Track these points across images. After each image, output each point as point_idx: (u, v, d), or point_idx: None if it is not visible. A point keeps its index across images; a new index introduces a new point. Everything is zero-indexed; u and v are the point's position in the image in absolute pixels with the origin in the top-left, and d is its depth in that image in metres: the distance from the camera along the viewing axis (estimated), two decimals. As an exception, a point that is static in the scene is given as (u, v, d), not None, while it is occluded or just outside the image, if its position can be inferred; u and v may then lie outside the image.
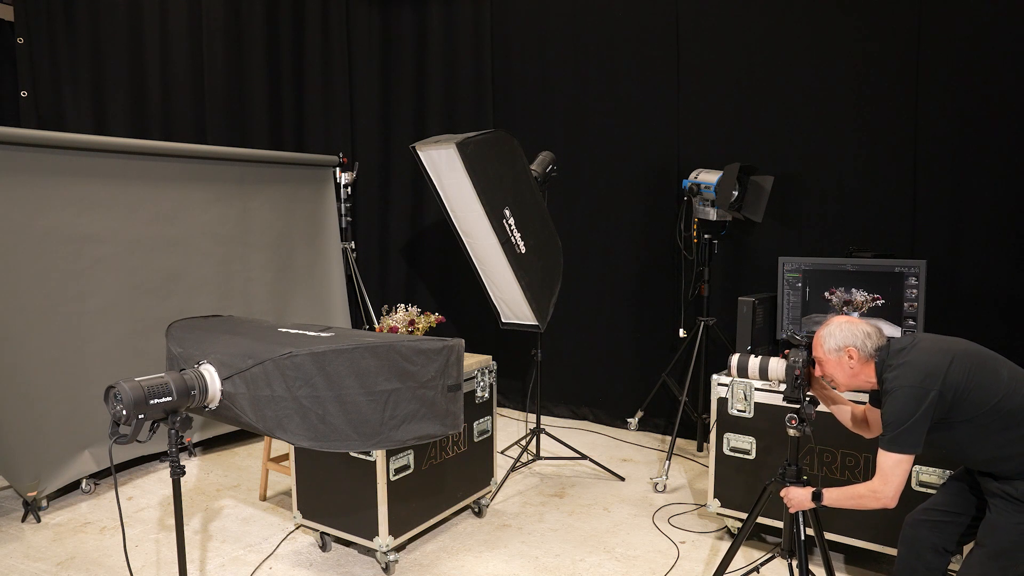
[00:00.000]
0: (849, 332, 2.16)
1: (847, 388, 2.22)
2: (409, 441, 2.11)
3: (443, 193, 3.75)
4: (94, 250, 3.78)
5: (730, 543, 3.15)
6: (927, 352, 2.06)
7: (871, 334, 2.14)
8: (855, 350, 2.14)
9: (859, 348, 2.13)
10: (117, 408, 1.86)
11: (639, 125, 4.65)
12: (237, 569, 2.96)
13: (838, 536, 2.84)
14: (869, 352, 2.13)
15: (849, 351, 2.14)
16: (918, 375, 2.00)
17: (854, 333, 2.15)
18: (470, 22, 5.23)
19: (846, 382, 2.19)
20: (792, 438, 2.33)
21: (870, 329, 2.16)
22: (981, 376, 2.00)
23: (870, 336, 2.14)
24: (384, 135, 5.70)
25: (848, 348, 2.14)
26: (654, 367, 4.62)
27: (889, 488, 2.02)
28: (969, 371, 2.00)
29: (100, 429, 3.74)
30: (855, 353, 2.14)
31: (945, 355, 2.03)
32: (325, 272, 5.23)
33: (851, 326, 2.17)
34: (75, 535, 3.27)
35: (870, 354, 2.13)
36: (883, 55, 3.81)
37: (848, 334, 2.16)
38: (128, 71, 5.66)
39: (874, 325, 2.18)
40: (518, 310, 3.93)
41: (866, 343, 2.13)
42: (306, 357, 1.94)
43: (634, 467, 4.14)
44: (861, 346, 2.13)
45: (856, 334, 2.15)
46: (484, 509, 3.48)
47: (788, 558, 2.36)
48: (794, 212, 4.13)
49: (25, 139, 3.48)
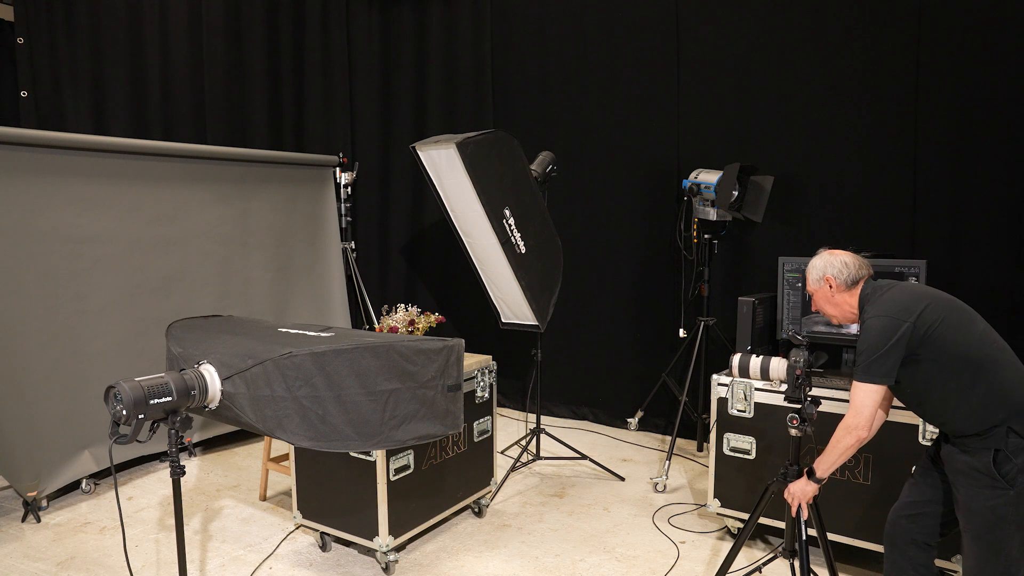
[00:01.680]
0: (827, 261, 2.25)
1: (841, 321, 2.29)
2: (409, 441, 2.11)
3: (443, 193, 3.75)
4: (94, 250, 3.78)
5: (731, 543, 3.16)
6: (906, 291, 2.14)
7: (848, 263, 2.22)
8: (832, 278, 2.23)
9: (835, 276, 2.23)
10: (117, 408, 1.86)
11: (639, 125, 4.65)
12: (237, 569, 2.96)
13: (839, 536, 2.83)
14: (846, 280, 2.21)
15: (828, 279, 2.25)
16: (894, 308, 2.07)
17: (831, 262, 2.24)
18: (470, 22, 5.23)
19: (834, 312, 2.28)
20: (794, 438, 2.33)
21: (848, 259, 2.24)
22: (955, 320, 2.05)
23: (847, 265, 2.22)
24: (384, 135, 5.70)
25: (826, 277, 2.25)
26: (654, 367, 4.62)
27: (861, 419, 2.08)
28: (944, 314, 2.05)
29: (100, 429, 3.74)
30: (833, 281, 2.23)
31: (923, 296, 2.10)
32: (325, 272, 5.23)
33: (830, 256, 2.26)
34: (75, 535, 3.27)
35: (847, 282, 2.21)
36: (883, 55, 3.81)
37: (826, 263, 2.25)
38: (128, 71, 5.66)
39: (855, 256, 2.25)
40: (518, 310, 3.93)
41: (842, 271, 2.22)
42: (306, 357, 1.94)
43: (634, 467, 4.14)
44: (837, 274, 2.22)
45: (833, 263, 2.24)
46: (484, 509, 3.48)
47: (790, 558, 2.36)
48: (794, 212, 4.13)
49: (25, 139, 3.48)
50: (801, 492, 2.24)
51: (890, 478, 2.75)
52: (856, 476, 2.82)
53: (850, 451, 2.13)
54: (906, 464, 2.71)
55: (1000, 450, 1.96)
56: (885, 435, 2.75)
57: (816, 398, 2.31)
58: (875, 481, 2.78)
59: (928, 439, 2.68)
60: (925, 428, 2.68)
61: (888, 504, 2.72)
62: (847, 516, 2.81)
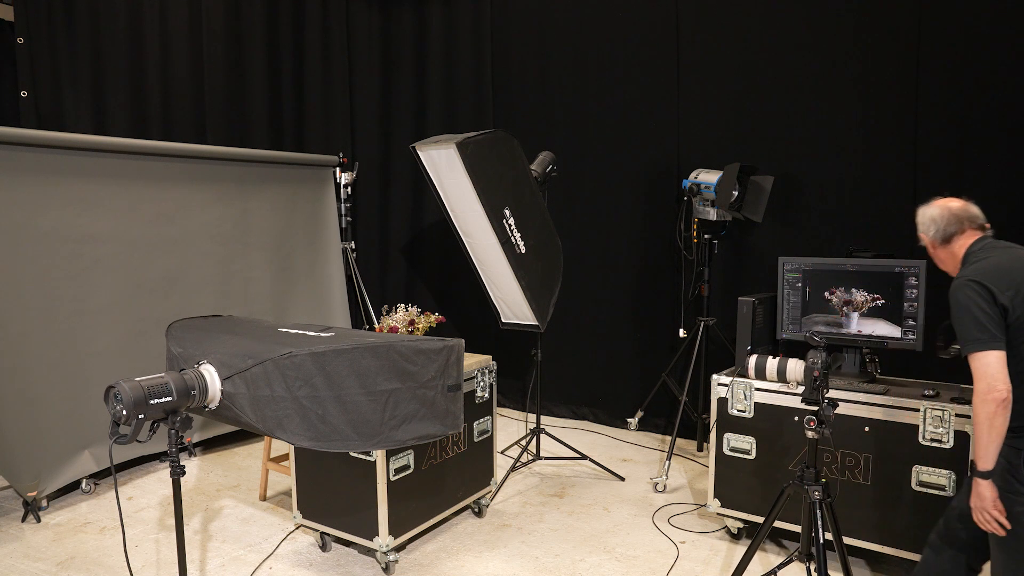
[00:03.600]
0: (922, 216, 2.13)
1: (951, 271, 2.13)
2: (409, 441, 2.11)
3: (443, 193, 3.75)
4: (94, 250, 3.78)
5: (730, 543, 3.16)
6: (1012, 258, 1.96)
7: (936, 217, 2.08)
8: (925, 236, 2.12)
9: (926, 232, 2.11)
10: (117, 408, 1.86)
11: (639, 125, 4.65)
12: (237, 569, 2.96)
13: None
14: (936, 236, 2.09)
15: (922, 237, 2.13)
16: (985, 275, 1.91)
17: (923, 218, 2.12)
18: (470, 22, 5.23)
19: (941, 266, 2.15)
20: (811, 440, 2.31)
21: (937, 211, 2.09)
22: None
23: (935, 220, 2.09)
24: (384, 135, 5.70)
25: (921, 235, 2.14)
26: (654, 367, 4.62)
27: (983, 383, 1.84)
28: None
29: (100, 429, 3.74)
30: (925, 239, 2.13)
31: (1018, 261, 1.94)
32: (325, 272, 5.23)
33: (927, 209, 2.13)
34: (75, 535, 3.27)
35: (939, 238, 2.09)
36: (883, 55, 3.81)
37: (921, 218, 2.13)
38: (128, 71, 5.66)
39: (950, 207, 2.08)
40: (518, 310, 3.93)
41: (930, 227, 2.10)
42: (306, 357, 1.94)
43: (634, 467, 4.14)
44: (926, 230, 2.11)
45: (924, 219, 2.11)
46: (484, 509, 3.48)
47: (806, 562, 2.34)
48: (794, 212, 4.13)
49: (25, 139, 3.48)
50: (982, 500, 1.92)
51: (890, 478, 2.75)
52: (856, 476, 2.82)
53: (995, 419, 1.84)
54: (906, 464, 2.72)
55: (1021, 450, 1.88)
56: (885, 435, 2.76)
57: (833, 400, 2.28)
58: (875, 481, 2.78)
59: (929, 439, 2.67)
60: (925, 428, 2.68)
61: (888, 504, 2.74)
62: (847, 516, 2.81)
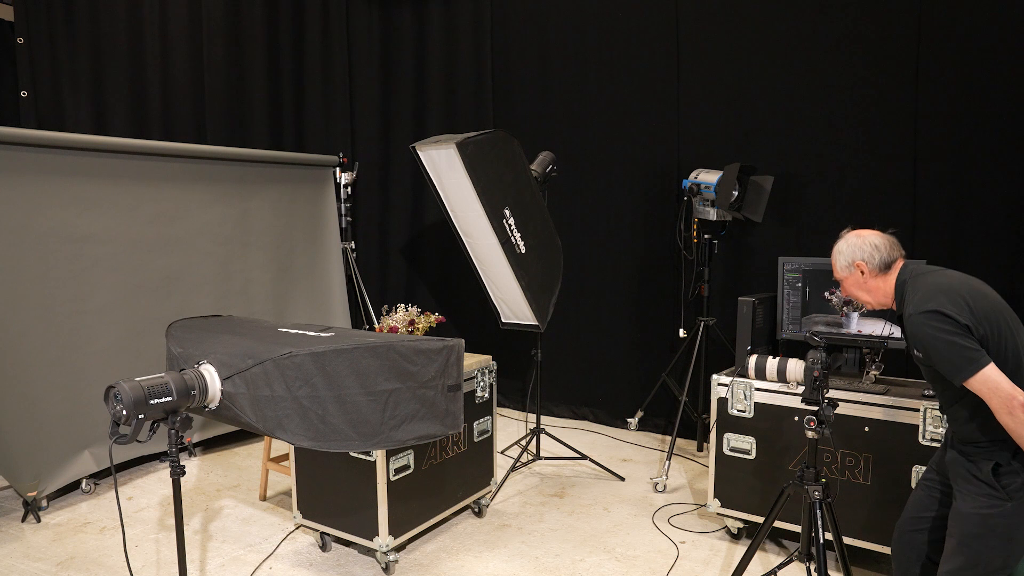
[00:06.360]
0: (855, 245, 2.11)
1: (873, 305, 2.15)
2: (409, 441, 2.11)
3: (443, 193, 3.75)
4: (94, 250, 3.77)
5: (730, 543, 3.16)
6: (951, 280, 1.98)
7: (879, 245, 2.08)
8: (863, 263, 2.10)
9: (867, 261, 2.09)
10: (117, 408, 1.86)
11: (639, 125, 4.64)
12: (237, 569, 2.96)
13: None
14: (878, 264, 2.08)
15: (858, 265, 2.11)
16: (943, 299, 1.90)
17: (860, 246, 2.10)
18: (470, 22, 5.23)
19: (867, 299, 2.14)
20: (811, 440, 2.30)
21: (878, 240, 2.09)
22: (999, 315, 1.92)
23: (878, 248, 2.08)
24: (384, 135, 5.70)
25: (857, 262, 2.11)
26: (654, 367, 4.62)
27: (1003, 393, 1.81)
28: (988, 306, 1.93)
29: (100, 429, 3.74)
30: (864, 267, 2.10)
31: (970, 290, 1.96)
32: (325, 272, 5.23)
33: (858, 239, 2.12)
34: (75, 535, 3.27)
35: (880, 266, 2.08)
36: (883, 55, 3.81)
37: (854, 247, 2.12)
38: (128, 71, 5.67)
39: (884, 235, 2.11)
40: (518, 310, 3.93)
41: (874, 255, 2.08)
42: (306, 357, 1.94)
43: (634, 467, 4.14)
44: (868, 258, 2.08)
45: (862, 247, 2.10)
46: (484, 509, 3.48)
47: (806, 562, 2.34)
48: (794, 212, 4.13)
49: (25, 139, 3.48)
50: None
51: (890, 478, 2.75)
52: (856, 476, 2.82)
53: None
54: (906, 464, 2.72)
55: (1001, 464, 1.89)
56: (885, 435, 2.76)
57: (833, 400, 2.28)
58: (875, 481, 2.78)
59: (929, 439, 2.67)
60: (925, 428, 2.68)
61: (888, 504, 2.74)
62: (847, 516, 2.81)
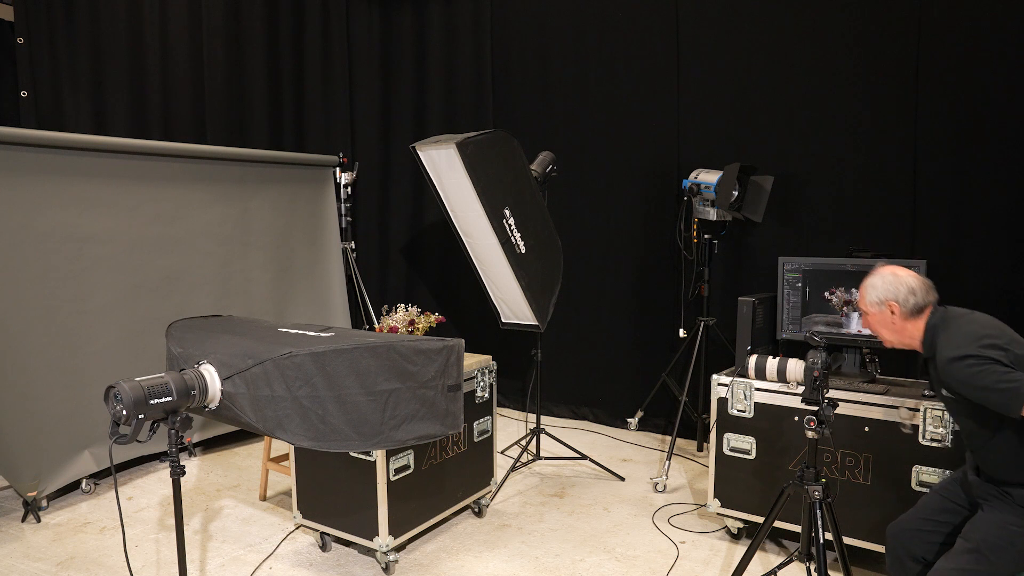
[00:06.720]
0: (891, 285, 2.08)
1: (894, 344, 2.14)
2: (409, 441, 2.11)
3: (443, 193, 3.75)
4: (94, 250, 3.78)
5: (730, 543, 3.16)
6: (985, 322, 1.98)
7: (916, 290, 2.05)
8: (896, 305, 2.07)
9: (901, 304, 2.06)
10: (117, 408, 1.86)
11: (639, 125, 4.64)
12: (237, 569, 2.96)
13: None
14: (912, 308, 2.05)
15: (891, 305, 2.07)
16: (978, 342, 1.91)
17: (896, 288, 2.07)
18: (470, 22, 5.23)
19: (891, 338, 2.13)
20: (810, 440, 2.30)
21: (915, 284, 2.07)
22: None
23: (914, 292, 2.05)
24: (384, 135, 5.70)
25: (889, 302, 2.08)
26: (654, 367, 4.61)
27: None
28: (1014, 337, 1.92)
29: (100, 429, 3.74)
30: (896, 308, 2.07)
31: (994, 324, 1.97)
32: (325, 272, 5.23)
33: (895, 279, 2.09)
34: (75, 535, 3.27)
35: (913, 310, 2.06)
36: (883, 55, 3.81)
37: (889, 287, 2.08)
38: (128, 71, 5.67)
39: (922, 279, 2.09)
40: (518, 310, 3.93)
41: (908, 299, 2.05)
42: (306, 357, 1.94)
43: (634, 467, 4.14)
44: (904, 302, 2.06)
45: (899, 289, 2.06)
46: (484, 509, 3.48)
47: (806, 562, 2.33)
48: (794, 212, 4.13)
49: (25, 139, 3.48)
50: None
51: (890, 478, 2.75)
52: (856, 476, 2.82)
53: None
54: (906, 464, 2.72)
55: None
56: (885, 435, 2.76)
57: (834, 400, 2.28)
58: (875, 481, 2.78)
59: (929, 439, 2.67)
60: (925, 428, 2.68)
61: (888, 504, 2.74)
62: (847, 516, 2.81)
